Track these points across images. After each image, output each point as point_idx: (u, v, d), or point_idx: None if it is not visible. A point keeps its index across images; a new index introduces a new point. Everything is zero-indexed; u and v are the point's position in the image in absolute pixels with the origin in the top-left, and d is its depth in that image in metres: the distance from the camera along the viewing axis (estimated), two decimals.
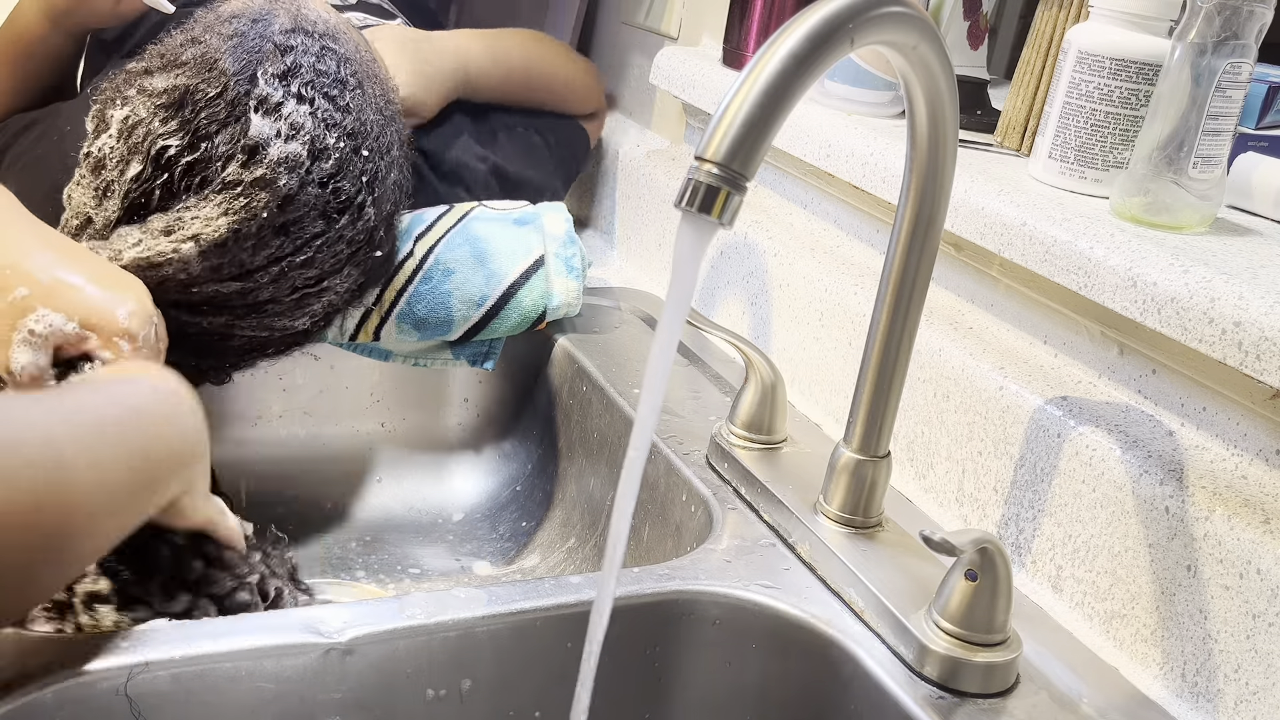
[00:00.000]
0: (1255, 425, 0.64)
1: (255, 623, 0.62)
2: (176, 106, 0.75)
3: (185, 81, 0.76)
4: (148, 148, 0.75)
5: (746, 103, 0.50)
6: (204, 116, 0.75)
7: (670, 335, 0.54)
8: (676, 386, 0.95)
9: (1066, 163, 0.78)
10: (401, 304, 0.95)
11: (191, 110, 0.75)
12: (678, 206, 0.51)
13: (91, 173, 0.77)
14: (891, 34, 0.55)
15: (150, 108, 0.76)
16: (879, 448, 0.70)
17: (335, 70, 0.79)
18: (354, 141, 0.79)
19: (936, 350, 0.80)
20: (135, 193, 0.75)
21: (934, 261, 0.66)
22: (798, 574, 0.71)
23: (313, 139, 0.76)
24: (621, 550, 0.56)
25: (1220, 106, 0.70)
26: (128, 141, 0.75)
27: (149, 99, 0.76)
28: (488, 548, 1.00)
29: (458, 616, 0.64)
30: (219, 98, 0.75)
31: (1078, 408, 0.71)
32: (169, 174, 0.75)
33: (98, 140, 0.77)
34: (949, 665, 0.62)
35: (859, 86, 0.95)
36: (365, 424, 1.07)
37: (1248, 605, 0.60)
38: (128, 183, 0.75)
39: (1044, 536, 0.72)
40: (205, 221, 0.74)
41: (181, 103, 0.76)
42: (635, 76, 1.29)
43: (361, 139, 0.79)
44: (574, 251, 1.00)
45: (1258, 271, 0.64)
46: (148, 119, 0.75)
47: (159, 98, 0.76)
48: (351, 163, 0.79)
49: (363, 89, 0.81)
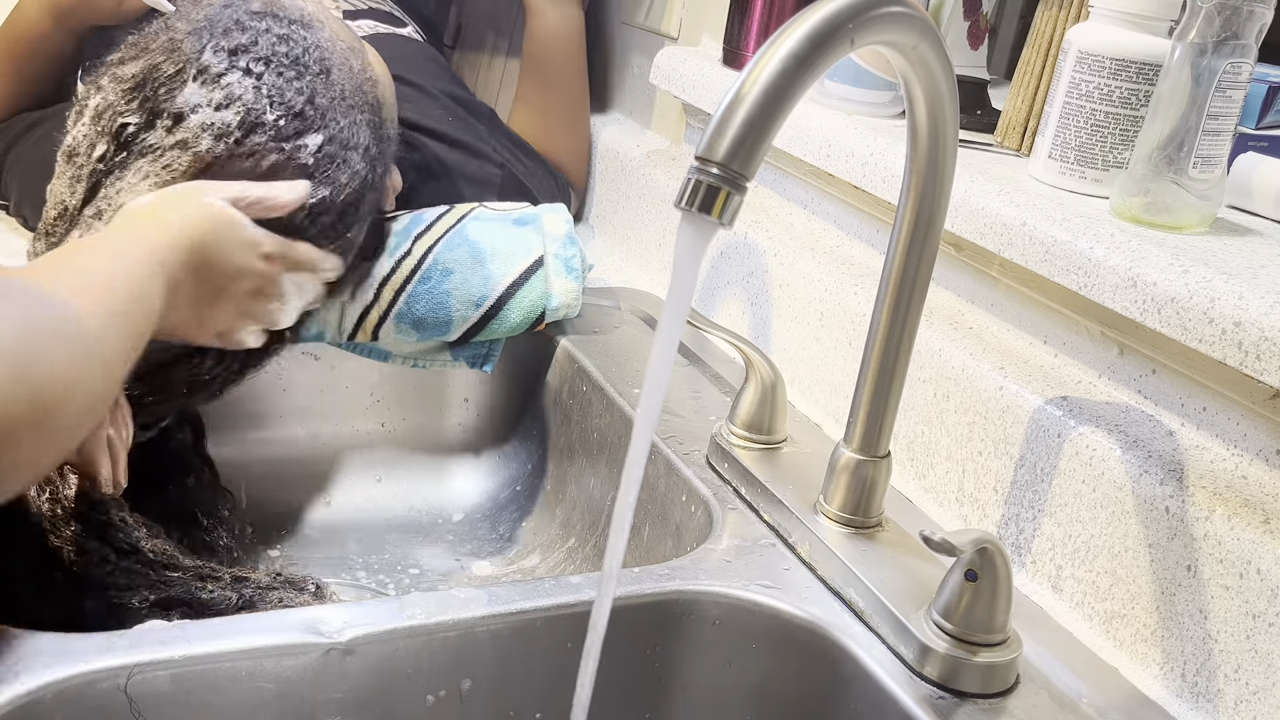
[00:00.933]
0: (1255, 425, 0.64)
1: (255, 623, 0.62)
2: (139, 87, 0.76)
3: (150, 62, 0.76)
4: (110, 126, 0.75)
5: (746, 103, 0.50)
6: (162, 92, 0.75)
7: (670, 335, 0.54)
8: (676, 386, 0.95)
9: (1066, 163, 0.78)
10: (400, 304, 0.95)
11: (151, 88, 0.75)
12: (678, 206, 0.51)
13: (66, 161, 0.77)
14: (891, 34, 0.55)
15: (119, 92, 0.76)
16: (879, 448, 0.70)
17: (297, 54, 0.78)
18: (300, 123, 0.77)
19: (936, 350, 0.80)
20: (99, 173, 0.75)
21: (934, 261, 0.66)
22: (798, 574, 0.71)
23: (249, 110, 0.75)
24: (621, 550, 0.56)
25: (1220, 106, 0.70)
26: (97, 125, 0.76)
27: (119, 84, 0.76)
28: (488, 548, 1.00)
29: (458, 616, 0.64)
30: (178, 75, 0.75)
31: (1078, 408, 0.71)
32: (127, 151, 0.75)
33: (74, 129, 0.77)
34: (949, 665, 0.62)
35: (859, 86, 0.95)
36: (365, 424, 1.07)
37: (1248, 605, 0.60)
38: (93, 163, 0.75)
39: (1044, 536, 0.72)
40: (129, 188, 0.74)
41: (144, 82, 0.76)
42: (635, 76, 1.29)
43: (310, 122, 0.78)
44: (574, 252, 1.00)
45: (1258, 271, 0.64)
46: (115, 102, 0.75)
47: (127, 82, 0.76)
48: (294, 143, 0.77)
49: (327, 76, 0.80)
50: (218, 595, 0.71)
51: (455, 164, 1.07)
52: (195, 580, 0.72)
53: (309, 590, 0.76)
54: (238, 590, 0.72)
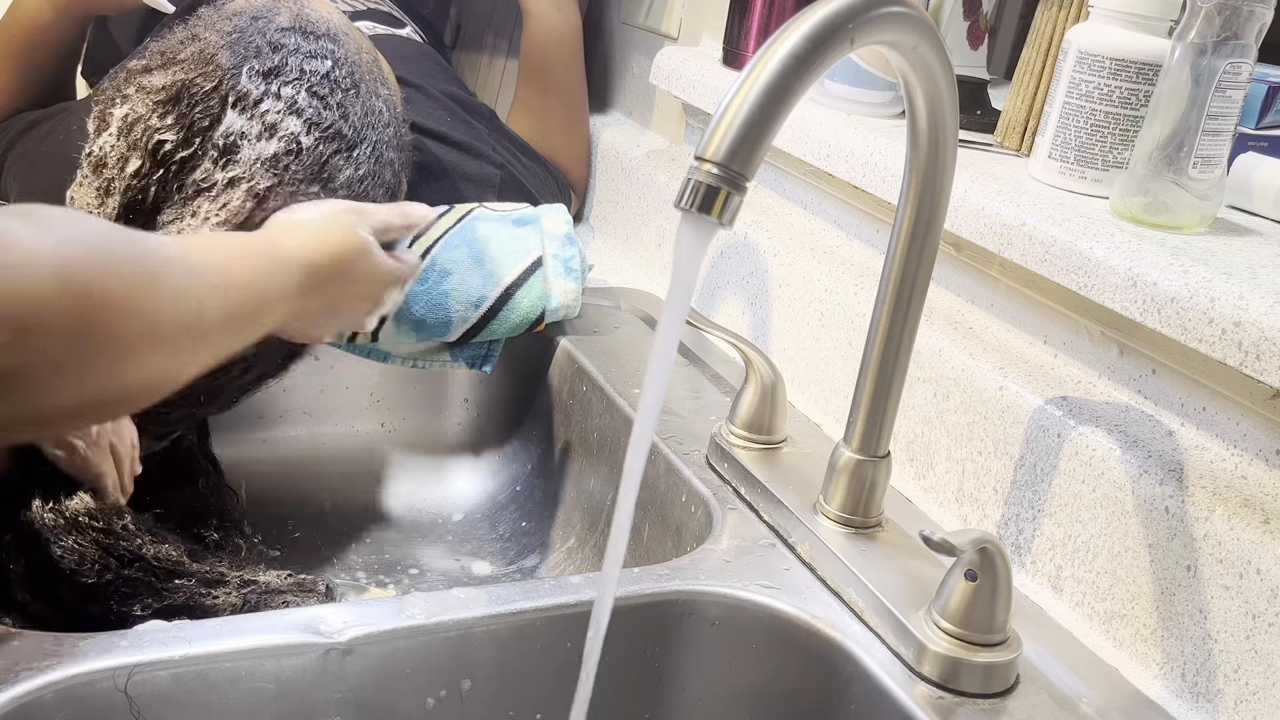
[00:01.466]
0: (1255, 425, 0.64)
1: (255, 623, 0.62)
2: (173, 101, 0.76)
3: (183, 77, 0.76)
4: (145, 143, 0.75)
5: (746, 103, 0.50)
6: (199, 111, 0.75)
7: (670, 335, 0.54)
8: (676, 386, 0.95)
9: (1066, 163, 0.78)
10: (399, 304, 0.95)
11: (187, 104, 0.75)
12: (678, 206, 0.51)
13: (93, 172, 0.77)
14: (891, 34, 0.55)
15: (149, 104, 0.76)
16: (879, 448, 0.70)
17: (328, 70, 0.79)
18: (337, 143, 0.78)
19: (936, 350, 0.80)
20: (135, 189, 0.75)
21: (934, 261, 0.66)
22: (798, 574, 0.71)
23: (290, 137, 0.76)
24: (621, 550, 0.56)
25: (1220, 106, 0.70)
26: (128, 139, 0.75)
27: (148, 96, 0.76)
28: (488, 548, 1.00)
29: (458, 616, 0.64)
30: (214, 92, 0.75)
31: (1078, 408, 0.71)
32: (165, 169, 0.75)
33: (99, 139, 0.77)
34: (949, 665, 0.62)
35: (859, 86, 0.95)
36: (365, 424, 1.07)
37: (1248, 605, 0.60)
38: (127, 179, 0.75)
39: (1044, 536, 0.72)
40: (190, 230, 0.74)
41: (178, 97, 0.76)
42: (635, 76, 1.29)
43: (348, 140, 0.79)
44: (573, 253, 1.00)
45: (1258, 271, 0.64)
46: (146, 115, 0.75)
47: (157, 94, 0.76)
48: (333, 163, 0.78)
49: (357, 91, 0.81)
50: (223, 603, 0.71)
51: (455, 164, 1.07)
52: (201, 587, 0.72)
53: (319, 593, 0.76)
54: (243, 595, 0.72)
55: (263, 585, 0.74)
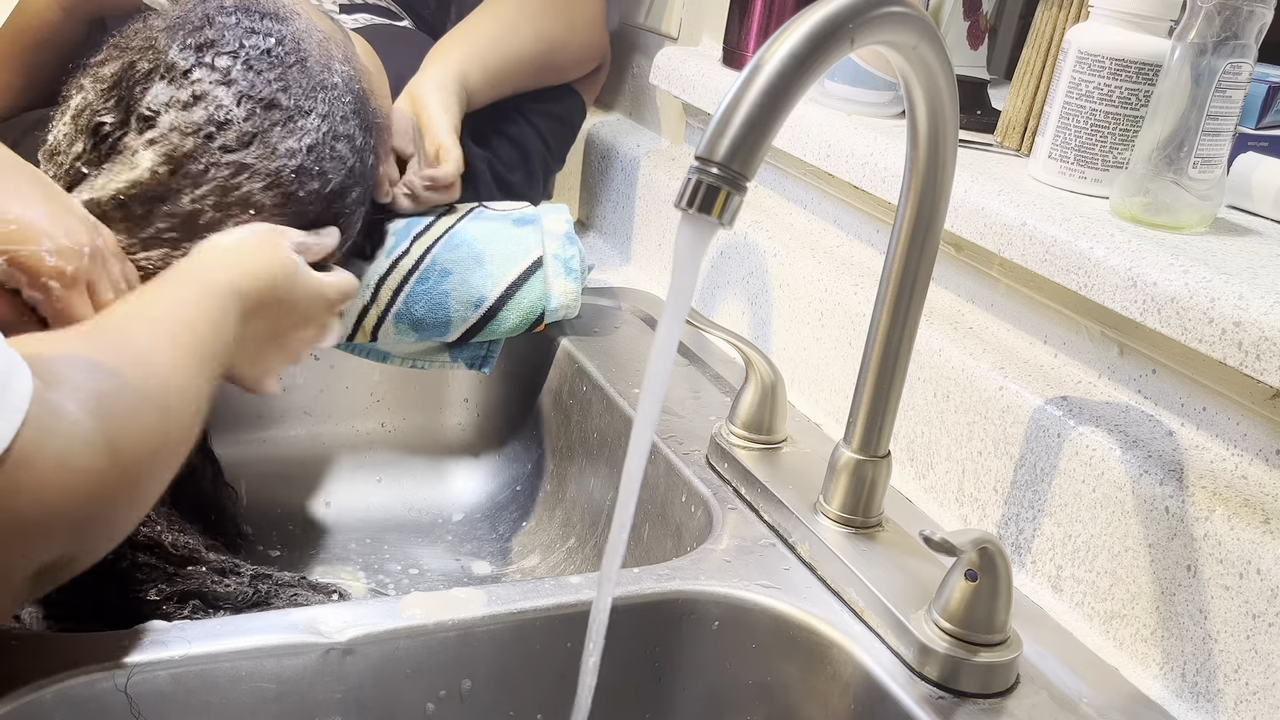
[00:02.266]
0: (1255, 425, 0.64)
1: (255, 623, 0.62)
2: (115, 86, 0.76)
3: (127, 60, 0.76)
4: (88, 124, 0.75)
5: (746, 103, 0.50)
6: (136, 91, 0.75)
7: (670, 335, 0.54)
8: (676, 386, 0.95)
9: (1066, 163, 0.78)
10: (399, 304, 0.94)
11: (126, 86, 0.75)
12: (678, 206, 0.51)
13: (48, 160, 0.77)
14: (891, 34, 0.55)
15: (97, 91, 0.76)
16: (879, 448, 0.70)
17: (270, 46, 0.78)
18: (275, 113, 0.77)
19: (936, 350, 0.80)
20: (76, 171, 0.75)
21: (934, 261, 0.66)
22: (798, 574, 0.71)
23: (220, 106, 0.75)
24: (621, 550, 0.56)
25: (1220, 106, 0.70)
26: (76, 124, 0.76)
27: (98, 84, 0.76)
28: (488, 548, 1.00)
29: (458, 616, 0.64)
30: (152, 72, 0.75)
31: (1078, 408, 0.71)
32: (99, 149, 0.75)
33: (53, 130, 0.77)
34: (949, 665, 0.62)
35: (859, 86, 0.95)
36: (365, 424, 1.07)
37: (1248, 605, 0.60)
38: (71, 160, 0.75)
39: (1044, 536, 0.72)
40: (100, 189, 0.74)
41: (120, 80, 0.76)
42: (635, 76, 1.29)
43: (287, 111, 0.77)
44: (573, 253, 0.99)
45: (1258, 271, 0.64)
46: (94, 100, 0.76)
47: (105, 82, 0.76)
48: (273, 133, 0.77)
49: (304, 65, 0.79)
50: (234, 590, 0.72)
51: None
52: (214, 574, 0.72)
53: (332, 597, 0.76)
54: (255, 586, 0.73)
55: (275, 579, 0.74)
